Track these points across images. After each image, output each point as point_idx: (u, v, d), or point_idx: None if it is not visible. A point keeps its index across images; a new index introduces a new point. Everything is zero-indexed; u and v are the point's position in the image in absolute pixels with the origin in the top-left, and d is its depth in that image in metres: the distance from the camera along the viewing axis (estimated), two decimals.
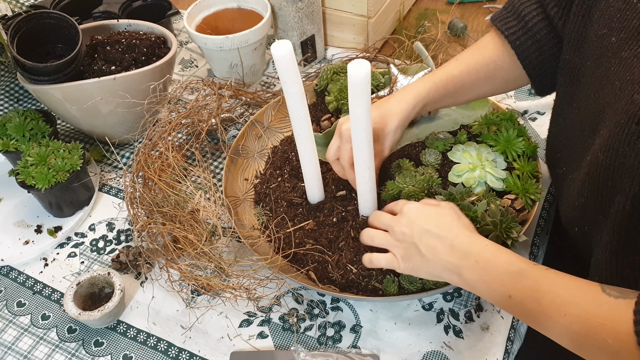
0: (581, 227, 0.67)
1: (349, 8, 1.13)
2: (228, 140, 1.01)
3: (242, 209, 0.86)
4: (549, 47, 0.71)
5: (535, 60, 0.73)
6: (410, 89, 0.76)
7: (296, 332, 0.76)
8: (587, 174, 0.61)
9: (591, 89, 0.61)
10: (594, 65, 0.60)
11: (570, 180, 0.68)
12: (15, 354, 0.76)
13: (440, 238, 0.63)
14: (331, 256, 0.76)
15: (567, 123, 0.69)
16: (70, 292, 0.77)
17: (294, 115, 0.71)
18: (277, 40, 0.64)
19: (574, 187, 0.66)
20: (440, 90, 0.76)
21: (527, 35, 0.71)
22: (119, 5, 1.12)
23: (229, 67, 1.09)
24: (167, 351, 0.75)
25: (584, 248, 0.69)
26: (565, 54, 0.67)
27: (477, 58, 0.77)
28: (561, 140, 0.72)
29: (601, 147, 0.56)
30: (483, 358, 0.71)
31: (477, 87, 0.78)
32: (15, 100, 1.05)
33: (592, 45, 0.61)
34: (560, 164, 0.73)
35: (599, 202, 0.59)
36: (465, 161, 0.81)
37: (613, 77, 0.56)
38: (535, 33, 0.71)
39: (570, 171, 0.68)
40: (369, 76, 0.60)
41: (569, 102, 0.68)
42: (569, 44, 0.65)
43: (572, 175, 0.67)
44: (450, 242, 0.62)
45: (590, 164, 0.59)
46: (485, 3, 1.29)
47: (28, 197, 0.95)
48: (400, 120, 0.75)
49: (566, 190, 0.70)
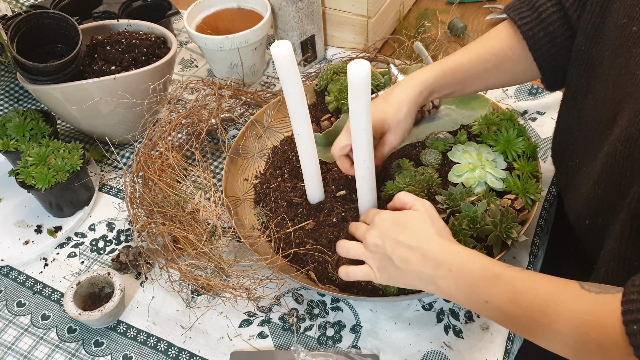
0: (594, 219, 0.66)
1: (349, 8, 1.13)
2: (228, 140, 1.01)
3: (242, 209, 0.86)
4: (562, 39, 0.70)
5: (547, 53, 0.72)
6: (416, 76, 0.75)
7: (296, 332, 0.76)
8: (604, 164, 0.60)
9: (609, 80, 0.60)
10: (612, 56, 0.60)
11: (583, 172, 0.67)
12: (15, 354, 0.76)
13: (411, 249, 0.62)
14: (331, 256, 0.76)
15: (581, 115, 0.68)
16: (70, 292, 0.77)
17: (294, 115, 0.71)
18: (277, 40, 0.64)
19: (588, 179, 0.65)
20: (448, 77, 0.75)
21: (540, 26, 0.70)
22: (119, 5, 1.12)
23: (229, 67, 1.09)
24: (167, 351, 0.75)
25: (593, 242, 0.67)
26: (579, 45, 0.66)
27: (487, 47, 0.75)
28: (574, 132, 0.70)
29: (619, 137, 0.56)
30: (483, 358, 0.71)
31: (485, 77, 0.77)
32: (15, 100, 1.05)
33: (611, 35, 0.60)
34: (572, 156, 0.71)
35: (616, 193, 0.58)
36: (465, 161, 0.81)
37: (634, 66, 0.55)
38: (549, 24, 0.70)
39: (585, 163, 0.67)
40: (369, 76, 0.60)
41: (584, 94, 0.66)
42: (585, 35, 0.64)
43: (587, 167, 0.66)
44: (423, 252, 0.61)
45: (608, 155, 0.58)
46: (485, 3, 1.29)
47: (28, 197, 0.95)
48: (408, 106, 0.74)
49: (578, 183, 0.69)
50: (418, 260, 0.61)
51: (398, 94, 0.74)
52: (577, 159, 0.70)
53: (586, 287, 0.51)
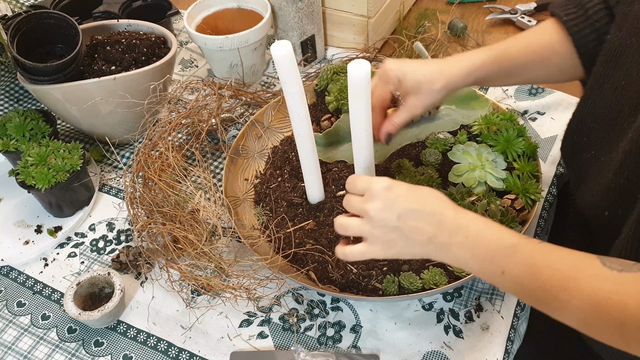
0: (614, 210, 0.64)
1: (349, 8, 1.13)
2: (228, 140, 1.01)
3: (242, 209, 0.86)
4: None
5: (593, 50, 0.69)
6: (464, 57, 0.72)
7: (296, 332, 0.76)
8: (627, 152, 0.58)
9: (633, 67, 0.60)
10: (637, 43, 0.59)
11: (601, 163, 0.66)
12: (15, 354, 0.76)
13: (426, 216, 0.57)
14: (331, 256, 0.76)
15: (596, 106, 0.67)
16: (70, 292, 0.77)
17: (294, 115, 0.71)
18: (277, 41, 0.64)
19: (608, 170, 0.64)
20: (495, 64, 0.72)
21: (586, 23, 0.69)
22: (119, 5, 1.12)
23: (229, 67, 1.09)
24: (167, 351, 0.75)
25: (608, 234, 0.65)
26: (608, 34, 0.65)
27: (535, 39, 0.73)
28: (588, 123, 0.69)
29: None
30: (483, 358, 0.71)
31: (531, 69, 0.74)
32: (15, 100, 1.05)
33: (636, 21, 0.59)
34: (586, 147, 0.70)
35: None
36: (465, 161, 0.81)
37: None
38: (595, 21, 0.68)
39: (603, 154, 0.66)
40: (369, 76, 0.60)
41: (601, 84, 0.65)
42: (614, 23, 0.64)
43: (605, 157, 0.65)
44: (438, 219, 0.57)
45: (632, 142, 0.57)
46: (485, 3, 1.29)
47: (28, 197, 0.95)
48: (446, 82, 0.70)
49: (595, 174, 0.67)
50: (432, 229, 0.57)
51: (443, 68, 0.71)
52: (593, 150, 0.68)
53: (607, 264, 0.49)
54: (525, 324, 0.80)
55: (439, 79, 0.70)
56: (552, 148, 0.95)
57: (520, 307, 0.77)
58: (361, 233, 0.60)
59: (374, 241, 0.59)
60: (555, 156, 0.94)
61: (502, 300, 0.77)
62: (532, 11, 1.22)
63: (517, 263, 0.53)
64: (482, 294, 0.77)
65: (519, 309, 0.76)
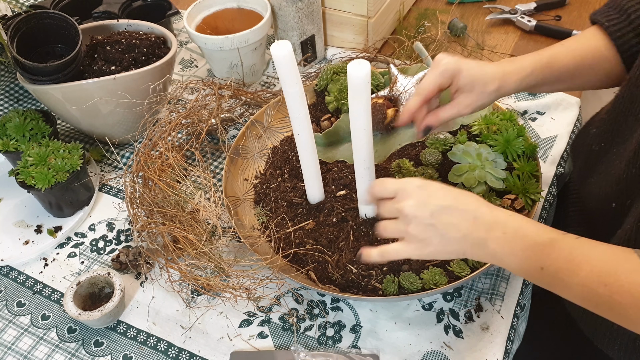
0: (622, 201, 0.64)
1: (349, 8, 1.13)
2: (228, 140, 1.01)
3: (242, 209, 0.86)
4: None
5: (636, 55, 0.68)
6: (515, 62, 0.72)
7: (296, 332, 0.76)
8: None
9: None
10: None
11: (613, 154, 0.66)
12: (15, 354, 0.76)
13: (461, 212, 0.57)
14: (331, 256, 0.76)
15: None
16: (70, 292, 0.77)
17: (294, 115, 0.71)
18: (277, 41, 0.64)
19: (620, 160, 0.64)
20: (545, 70, 0.72)
21: (629, 28, 0.69)
22: (119, 5, 1.12)
23: (229, 67, 1.09)
24: (167, 351, 0.75)
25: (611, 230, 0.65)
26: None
27: (582, 45, 0.73)
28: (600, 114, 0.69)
29: None
30: (483, 358, 0.71)
31: (580, 74, 0.74)
32: (15, 100, 1.05)
33: None
34: (596, 139, 0.70)
35: None
36: (465, 161, 0.81)
37: None
38: (638, 25, 0.68)
39: (615, 145, 0.66)
40: (369, 76, 0.60)
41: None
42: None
43: (617, 148, 0.65)
44: (474, 215, 0.57)
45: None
46: (485, 3, 1.29)
47: (28, 197, 0.95)
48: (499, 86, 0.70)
49: (605, 165, 0.67)
50: (468, 225, 0.57)
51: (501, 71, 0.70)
52: (603, 142, 0.68)
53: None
54: (525, 324, 0.80)
55: (492, 82, 0.70)
56: (552, 148, 0.95)
57: (520, 307, 0.77)
58: (397, 232, 0.61)
59: (410, 240, 0.59)
60: (555, 156, 0.94)
61: (502, 300, 0.77)
62: (532, 11, 1.22)
63: (556, 258, 0.53)
64: (482, 294, 0.77)
65: (518, 309, 0.76)
